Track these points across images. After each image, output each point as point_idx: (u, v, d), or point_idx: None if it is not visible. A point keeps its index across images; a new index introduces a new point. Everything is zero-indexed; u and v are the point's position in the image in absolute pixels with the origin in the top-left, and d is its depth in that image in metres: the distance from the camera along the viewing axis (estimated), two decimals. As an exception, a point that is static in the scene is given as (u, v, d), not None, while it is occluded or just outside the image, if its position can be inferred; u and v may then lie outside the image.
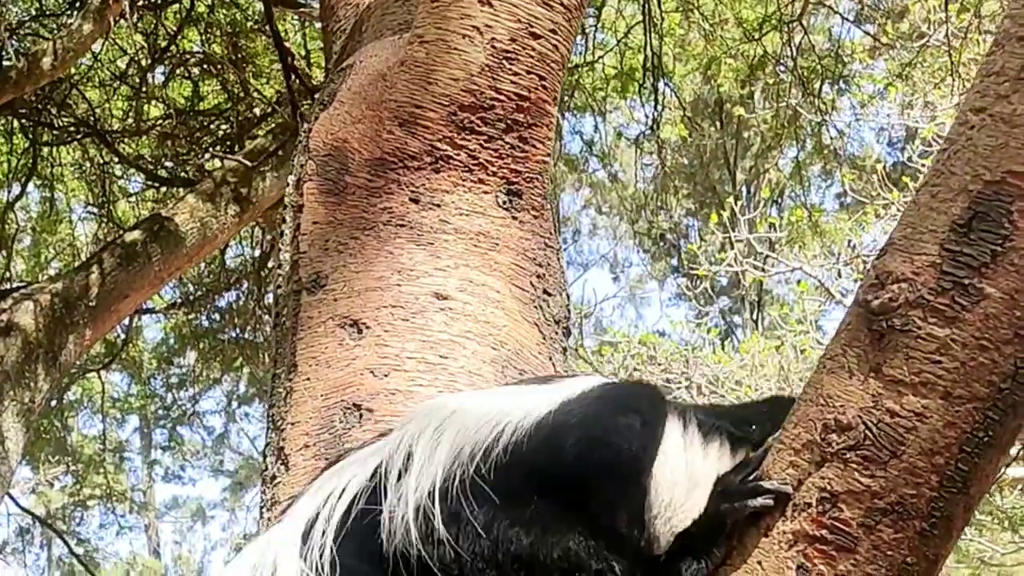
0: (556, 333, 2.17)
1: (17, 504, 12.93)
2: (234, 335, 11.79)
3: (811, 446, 1.43)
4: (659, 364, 9.13)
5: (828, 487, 1.40)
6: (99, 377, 13.61)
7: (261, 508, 1.99)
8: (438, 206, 2.12)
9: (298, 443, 1.96)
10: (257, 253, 10.09)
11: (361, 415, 1.92)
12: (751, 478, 1.45)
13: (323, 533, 1.45)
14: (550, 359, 2.12)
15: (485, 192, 2.15)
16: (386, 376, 1.96)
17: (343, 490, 1.50)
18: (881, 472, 1.37)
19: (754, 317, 14.87)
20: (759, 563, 1.41)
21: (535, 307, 2.13)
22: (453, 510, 1.42)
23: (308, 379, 2.01)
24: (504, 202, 2.15)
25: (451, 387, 1.96)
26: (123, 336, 10.82)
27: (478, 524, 1.41)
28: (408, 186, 2.12)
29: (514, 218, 2.16)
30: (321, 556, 1.42)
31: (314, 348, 2.04)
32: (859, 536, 1.37)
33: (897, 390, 1.38)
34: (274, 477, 1.97)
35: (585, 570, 1.41)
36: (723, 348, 9.57)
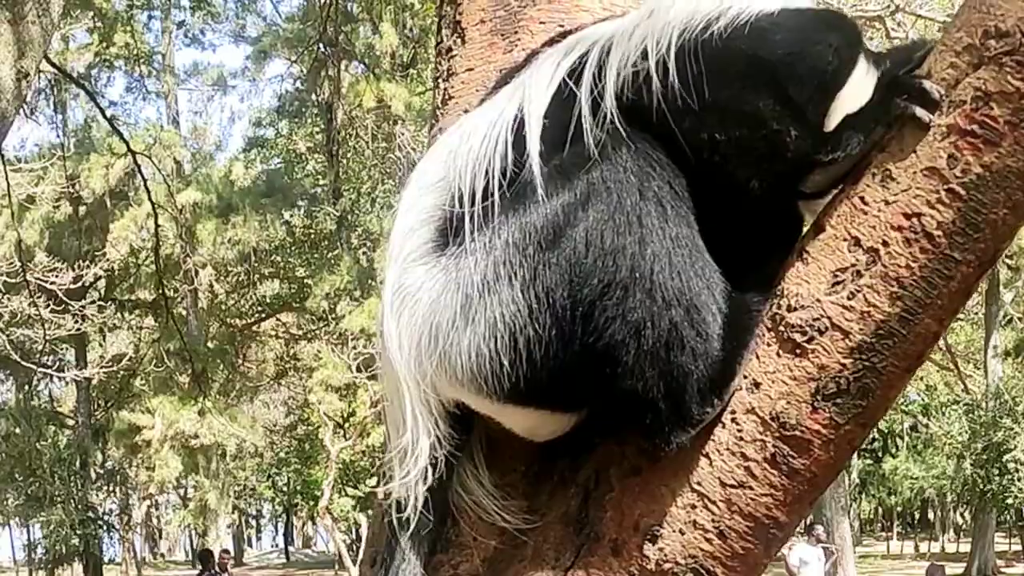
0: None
1: (49, 61, 11.68)
2: None
3: (971, 49, 1.60)
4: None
5: (982, 87, 1.58)
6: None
7: (436, 78, 2.18)
8: None
9: (475, 18, 2.10)
10: None
11: (536, -6, 2.06)
12: (915, 74, 1.66)
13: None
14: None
15: None
16: (561, -39, 2.07)
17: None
18: (1032, 76, 1.57)
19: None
20: (914, 151, 1.63)
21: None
22: (669, 62, 1.64)
23: (485, -45, 2.11)
24: None
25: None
26: None
27: (687, 76, 1.63)
28: None
29: None
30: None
31: (490, -78, 2.11)
32: (1004, 132, 1.56)
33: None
34: (450, 49, 2.14)
35: (766, 128, 1.66)
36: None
